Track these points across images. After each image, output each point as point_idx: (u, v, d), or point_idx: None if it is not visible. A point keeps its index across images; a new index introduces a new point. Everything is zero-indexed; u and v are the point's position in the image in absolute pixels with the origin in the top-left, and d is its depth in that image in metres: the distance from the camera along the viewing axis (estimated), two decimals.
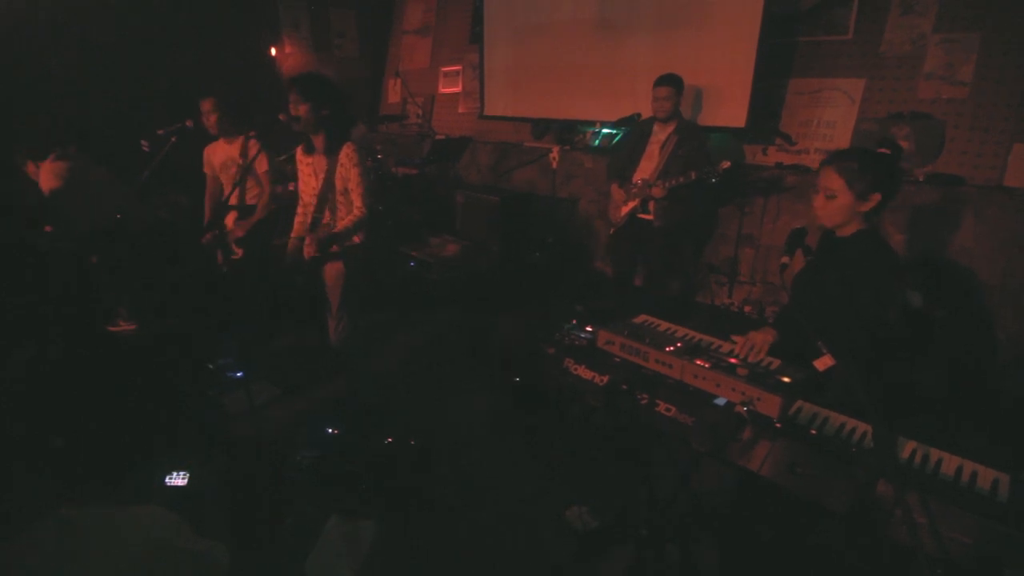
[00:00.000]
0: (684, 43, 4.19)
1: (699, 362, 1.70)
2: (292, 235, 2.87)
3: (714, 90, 4.07)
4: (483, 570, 2.03)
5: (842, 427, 1.54)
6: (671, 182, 3.39)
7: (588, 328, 2.03)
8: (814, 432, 1.50)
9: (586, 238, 5.10)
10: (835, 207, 1.78)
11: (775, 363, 1.76)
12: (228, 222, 3.46)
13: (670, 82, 3.46)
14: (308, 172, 2.72)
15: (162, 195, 3.96)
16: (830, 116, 3.83)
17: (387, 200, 4.85)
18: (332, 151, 2.61)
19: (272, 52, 6.30)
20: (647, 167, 3.59)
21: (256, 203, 3.47)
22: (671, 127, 3.54)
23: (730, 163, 3.25)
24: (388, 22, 7.17)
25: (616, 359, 1.88)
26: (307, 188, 2.75)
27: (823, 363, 1.55)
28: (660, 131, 3.59)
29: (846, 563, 1.48)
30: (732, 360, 1.72)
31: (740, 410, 1.49)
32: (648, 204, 3.57)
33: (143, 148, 3.56)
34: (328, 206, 2.66)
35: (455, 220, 5.22)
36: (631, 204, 3.63)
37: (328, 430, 2.67)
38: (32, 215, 3.48)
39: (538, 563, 2.04)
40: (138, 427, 2.59)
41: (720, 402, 1.60)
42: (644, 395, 1.71)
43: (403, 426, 2.67)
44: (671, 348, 1.80)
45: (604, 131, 4.79)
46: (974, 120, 3.32)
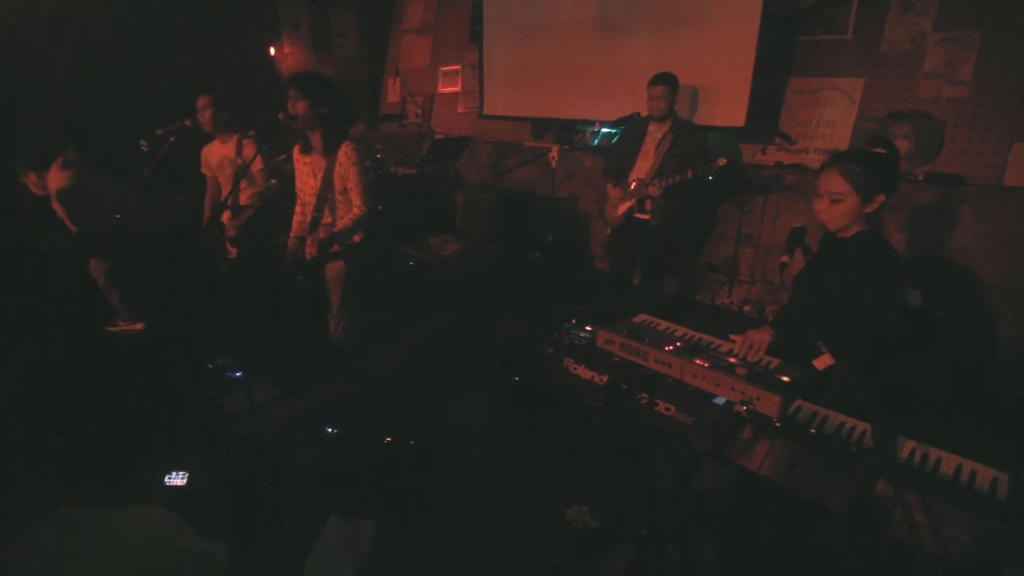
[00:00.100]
0: (684, 43, 4.19)
1: (699, 361, 1.71)
2: (291, 234, 2.87)
3: (714, 89, 4.07)
4: (483, 570, 2.03)
5: (842, 426, 1.54)
6: (667, 181, 3.39)
7: (588, 327, 2.04)
8: (814, 431, 1.50)
9: (586, 237, 5.10)
10: (841, 210, 1.76)
11: (774, 362, 1.77)
12: (224, 222, 3.46)
13: (665, 81, 3.45)
14: (306, 171, 2.72)
15: (162, 195, 3.96)
16: (830, 115, 3.83)
17: (387, 199, 4.85)
18: (330, 150, 2.60)
19: (272, 52, 6.30)
20: (643, 166, 3.59)
21: (248, 203, 3.48)
22: (666, 126, 3.54)
23: (726, 160, 3.24)
24: (388, 21, 7.17)
25: (616, 358, 1.88)
26: (305, 187, 2.75)
27: (822, 362, 1.55)
28: (656, 130, 3.59)
29: (846, 563, 1.47)
30: (731, 359, 1.72)
31: (739, 409, 1.49)
32: (645, 203, 3.57)
33: (142, 148, 3.56)
34: (327, 205, 2.66)
35: (455, 219, 5.21)
36: (628, 204, 3.62)
37: (328, 430, 2.67)
38: (32, 215, 3.48)
39: (538, 563, 2.04)
40: (138, 427, 2.59)
41: (720, 401, 1.60)
42: (644, 394, 1.71)
43: (403, 426, 2.66)
44: (671, 347, 1.80)
45: (604, 130, 4.79)
46: (974, 119, 3.32)
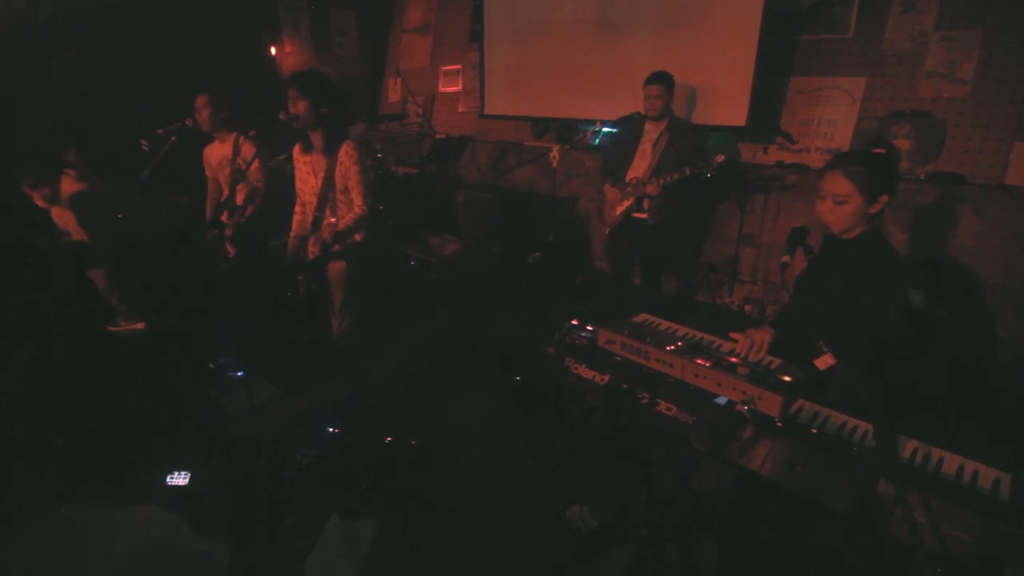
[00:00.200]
0: (684, 42, 4.19)
1: (700, 361, 1.70)
2: (291, 234, 2.87)
3: (714, 89, 4.06)
4: (483, 570, 2.02)
5: (843, 426, 1.54)
6: (666, 179, 3.38)
7: (588, 327, 2.03)
8: (815, 431, 1.49)
9: (586, 237, 5.10)
10: (846, 212, 1.75)
11: (776, 362, 1.76)
12: (224, 221, 3.45)
13: (661, 80, 3.45)
14: (307, 171, 2.71)
15: (162, 195, 3.96)
16: (831, 115, 3.82)
17: (387, 199, 4.84)
18: (331, 149, 2.60)
19: (272, 52, 6.30)
20: (640, 165, 3.59)
21: (244, 203, 3.47)
22: (663, 125, 3.54)
23: (724, 157, 3.24)
24: (388, 21, 7.16)
25: (617, 358, 1.88)
26: (306, 187, 2.75)
27: (824, 362, 1.54)
28: (652, 129, 3.59)
29: (847, 562, 1.47)
30: (733, 359, 1.72)
31: (741, 409, 1.49)
32: (643, 202, 3.57)
33: (143, 148, 3.56)
34: (328, 204, 2.66)
35: (455, 219, 5.21)
36: (626, 203, 3.62)
37: (328, 430, 2.67)
38: (32, 215, 3.48)
39: (538, 563, 2.04)
40: (138, 427, 2.59)
41: (721, 401, 1.60)
42: (645, 394, 1.70)
43: (403, 426, 2.66)
44: (672, 347, 1.80)
45: (604, 130, 4.78)
46: (975, 118, 3.31)
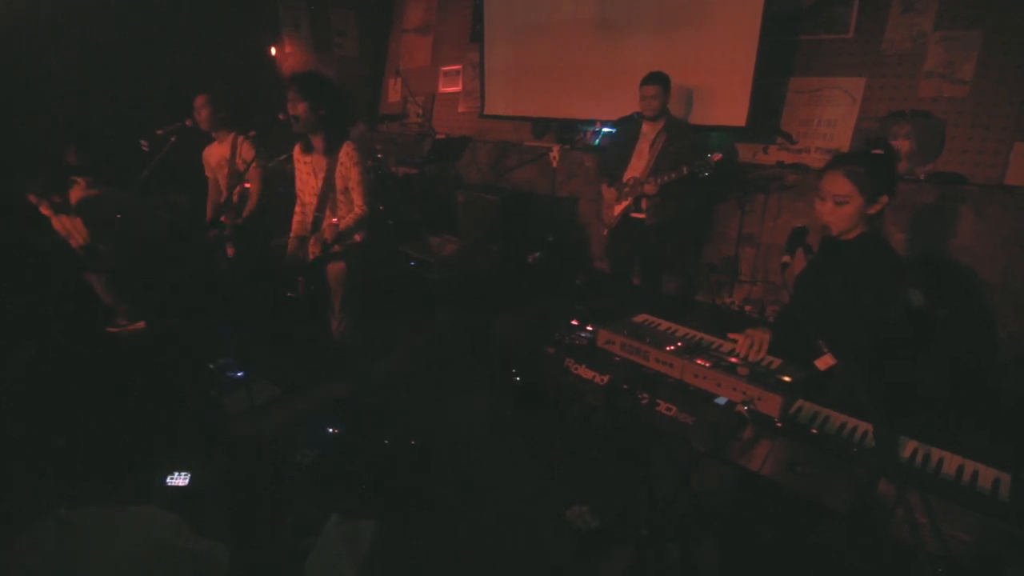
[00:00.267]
0: (684, 42, 4.19)
1: (700, 361, 1.70)
2: (291, 234, 2.87)
3: (714, 89, 4.06)
4: (483, 570, 2.02)
5: (843, 426, 1.54)
6: (663, 179, 3.38)
7: (588, 327, 2.03)
8: (815, 431, 1.49)
9: (586, 237, 5.10)
10: (846, 213, 1.75)
11: (776, 362, 1.76)
12: (224, 222, 3.46)
13: (657, 80, 3.45)
14: (307, 171, 2.72)
15: (162, 195, 3.96)
16: (831, 115, 3.82)
17: (387, 199, 4.84)
18: (331, 150, 2.61)
19: (272, 52, 6.30)
20: (637, 165, 3.59)
21: (240, 203, 3.48)
22: (660, 125, 3.54)
23: (721, 155, 3.25)
24: (388, 21, 7.16)
25: (616, 358, 1.88)
26: (306, 187, 2.75)
27: (824, 362, 1.54)
28: (649, 129, 3.59)
29: (847, 563, 1.47)
30: (733, 359, 1.72)
31: (741, 409, 1.49)
32: (641, 203, 3.57)
33: (143, 148, 3.56)
34: (329, 205, 2.66)
35: (455, 219, 5.21)
36: (624, 204, 3.62)
37: (328, 430, 2.67)
38: (32, 215, 3.48)
39: (538, 563, 2.04)
40: (138, 427, 2.59)
41: (721, 401, 1.60)
42: (644, 394, 1.70)
43: (403, 426, 2.66)
44: (672, 347, 1.80)
45: (604, 130, 4.78)
46: (975, 118, 3.31)
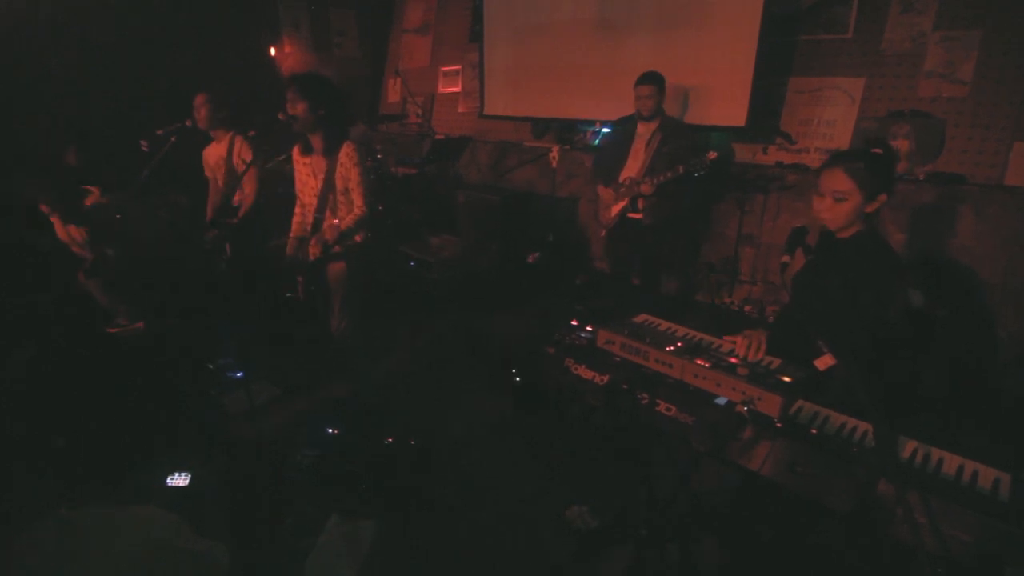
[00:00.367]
0: (684, 43, 4.19)
1: (699, 361, 1.70)
2: (291, 235, 2.87)
3: (714, 89, 4.06)
4: (483, 570, 2.02)
5: (843, 426, 1.54)
6: (659, 178, 3.38)
7: (588, 327, 2.03)
8: (815, 431, 1.49)
9: (586, 237, 5.10)
10: (844, 210, 1.75)
11: (775, 362, 1.76)
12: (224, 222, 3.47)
13: (652, 80, 3.45)
14: (306, 172, 2.71)
15: (162, 195, 3.96)
16: (830, 115, 3.82)
17: (387, 199, 4.84)
18: (331, 151, 2.60)
19: (272, 52, 6.30)
20: (633, 166, 3.59)
21: (239, 203, 3.48)
22: (655, 124, 3.54)
23: (717, 154, 3.25)
24: (388, 21, 7.16)
25: (616, 358, 1.88)
26: (305, 188, 2.75)
27: (824, 362, 1.54)
28: (645, 130, 3.59)
29: (847, 563, 1.47)
30: (732, 360, 1.72)
31: (740, 409, 1.49)
32: (638, 203, 3.57)
33: (143, 148, 3.56)
34: (329, 206, 2.66)
35: (455, 219, 5.21)
36: (620, 204, 3.62)
37: (328, 430, 2.67)
38: (32, 215, 3.48)
39: (538, 563, 2.04)
40: (138, 427, 2.59)
41: (720, 401, 1.60)
42: (644, 395, 1.70)
43: (403, 426, 2.66)
44: (671, 347, 1.80)
45: (604, 131, 4.78)
46: (974, 118, 3.31)
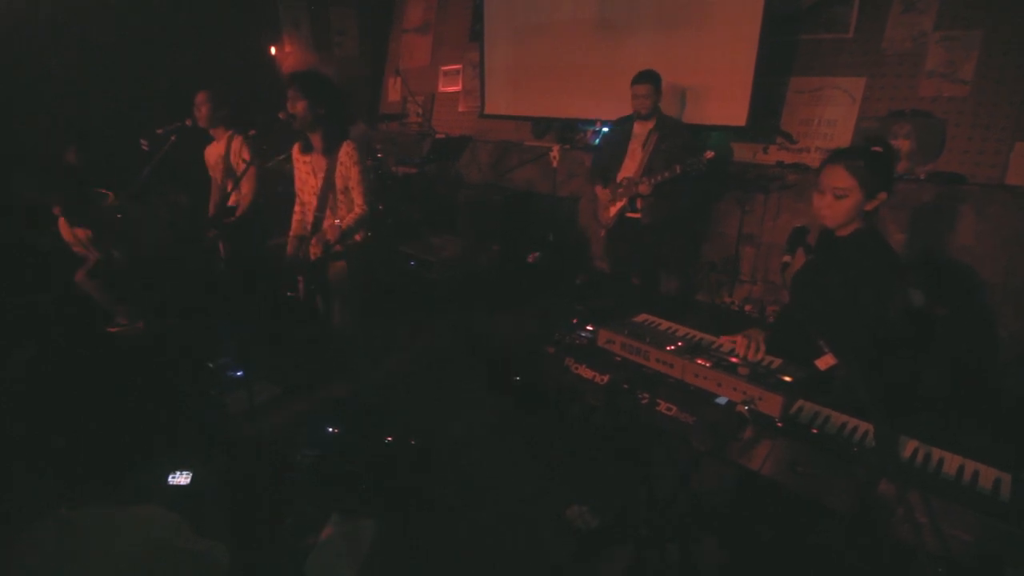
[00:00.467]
0: (684, 42, 4.18)
1: (700, 361, 1.70)
2: (291, 234, 2.87)
3: (715, 89, 4.06)
4: (483, 570, 2.02)
5: (844, 426, 1.53)
6: (657, 178, 3.38)
7: (588, 327, 2.03)
8: (815, 431, 1.49)
9: (586, 237, 5.10)
10: (844, 207, 1.75)
11: (776, 362, 1.76)
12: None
13: (648, 79, 3.45)
14: (306, 171, 2.71)
15: (162, 195, 3.95)
16: (831, 114, 3.82)
17: (387, 199, 4.84)
18: (331, 150, 2.60)
19: (272, 51, 6.29)
20: (631, 165, 3.59)
21: (236, 203, 3.48)
22: (651, 124, 3.55)
23: (713, 153, 3.25)
24: (388, 20, 7.16)
25: (617, 358, 1.87)
26: (305, 187, 2.75)
27: (825, 362, 1.54)
28: (641, 129, 3.59)
29: (847, 563, 1.47)
30: (733, 359, 1.71)
31: (741, 409, 1.49)
32: (636, 202, 3.57)
33: (143, 147, 3.56)
34: (329, 205, 2.66)
35: (455, 219, 5.21)
36: (619, 204, 3.62)
37: (328, 430, 2.67)
38: (32, 215, 3.48)
39: (538, 563, 2.04)
40: (138, 427, 2.59)
41: (721, 401, 1.60)
42: (645, 394, 1.70)
43: (403, 426, 2.66)
44: (672, 347, 1.80)
45: (604, 130, 4.77)
46: (975, 118, 3.31)
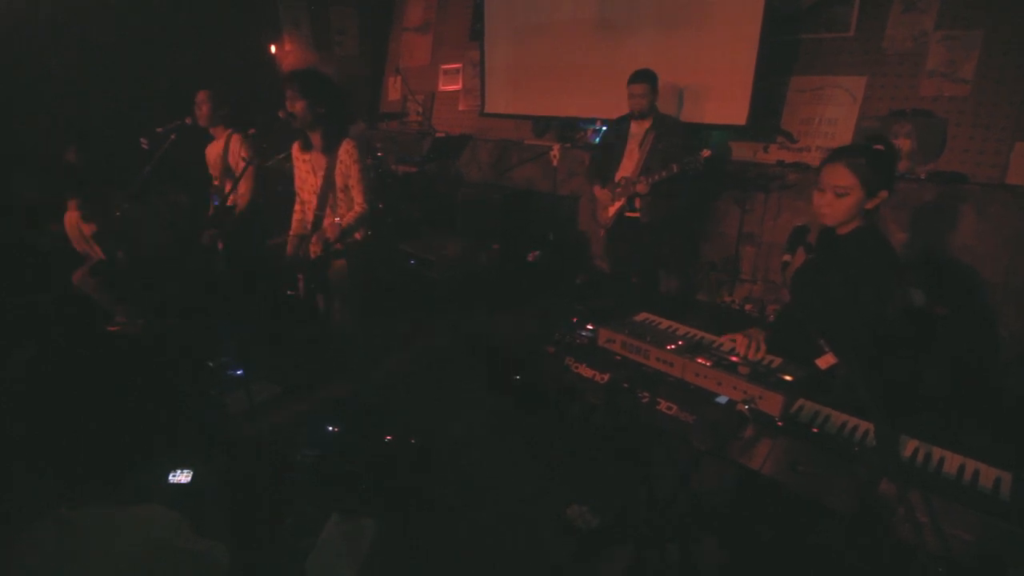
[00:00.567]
0: (685, 42, 4.18)
1: (700, 360, 1.70)
2: (291, 233, 2.87)
3: (715, 88, 4.05)
4: (483, 570, 2.02)
5: (844, 425, 1.53)
6: (655, 177, 3.38)
7: (589, 326, 2.03)
8: (816, 430, 1.49)
9: (587, 236, 5.09)
10: (845, 205, 1.75)
11: (777, 361, 1.76)
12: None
13: (645, 78, 3.45)
14: (306, 169, 2.71)
15: (162, 194, 3.95)
16: (831, 114, 3.82)
17: (387, 198, 4.83)
18: (330, 148, 2.60)
19: (272, 51, 6.29)
20: (628, 165, 3.59)
21: (234, 203, 3.48)
22: (648, 123, 3.54)
23: (710, 152, 3.25)
24: (388, 20, 7.15)
25: (617, 357, 1.87)
26: (305, 185, 2.75)
27: (825, 361, 1.54)
28: (637, 128, 3.59)
29: (847, 562, 1.47)
30: (733, 358, 1.71)
31: (742, 408, 1.49)
32: (634, 202, 3.57)
33: (142, 146, 3.56)
34: (329, 203, 2.66)
35: (456, 218, 5.20)
36: (617, 204, 3.62)
37: (328, 430, 2.67)
38: (32, 215, 3.48)
39: (538, 563, 2.04)
40: (138, 427, 2.59)
41: (721, 400, 1.60)
42: (645, 393, 1.70)
43: (403, 426, 2.66)
44: (672, 346, 1.79)
45: (604, 129, 4.77)
46: (976, 118, 3.30)
